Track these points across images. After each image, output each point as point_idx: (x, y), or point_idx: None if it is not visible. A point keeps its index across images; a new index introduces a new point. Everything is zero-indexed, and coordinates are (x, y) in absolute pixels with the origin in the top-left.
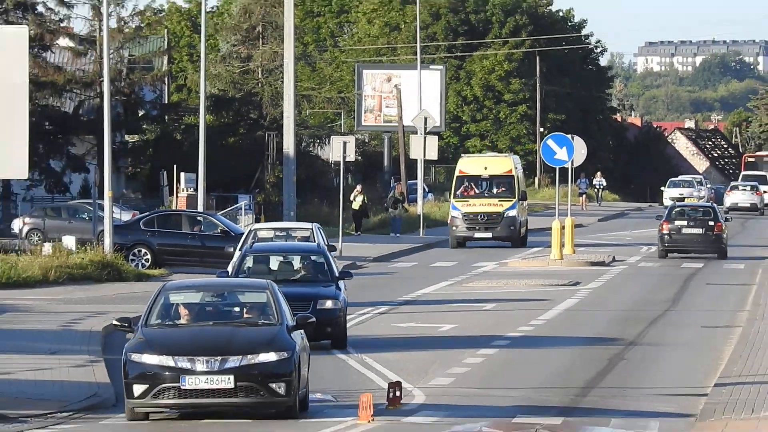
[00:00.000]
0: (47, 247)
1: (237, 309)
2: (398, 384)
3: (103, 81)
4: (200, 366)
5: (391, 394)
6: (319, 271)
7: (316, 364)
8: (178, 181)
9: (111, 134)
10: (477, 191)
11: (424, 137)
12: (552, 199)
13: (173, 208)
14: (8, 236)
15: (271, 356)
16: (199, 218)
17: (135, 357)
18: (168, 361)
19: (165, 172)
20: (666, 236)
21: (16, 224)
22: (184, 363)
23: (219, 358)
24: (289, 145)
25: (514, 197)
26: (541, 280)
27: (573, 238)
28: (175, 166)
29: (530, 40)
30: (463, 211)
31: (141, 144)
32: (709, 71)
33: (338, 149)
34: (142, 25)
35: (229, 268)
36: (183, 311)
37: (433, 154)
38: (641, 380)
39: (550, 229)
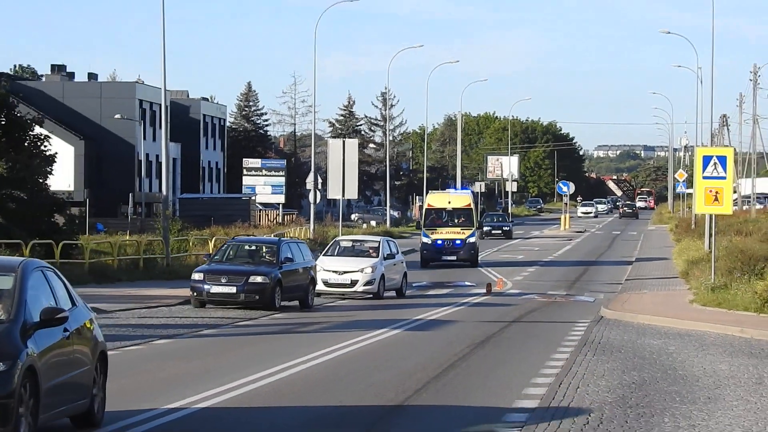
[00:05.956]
0: (365, 225)
1: None
2: (501, 279)
3: (386, 160)
4: None
5: (496, 283)
6: (273, 255)
7: (470, 272)
8: (415, 199)
9: (390, 181)
10: (442, 221)
11: (511, 182)
12: (559, 206)
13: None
14: (350, 221)
15: None
16: None
17: None
18: None
19: (410, 196)
20: (621, 212)
21: (353, 216)
22: None
23: None
24: (458, 186)
25: (472, 227)
26: (557, 239)
27: (569, 222)
28: (414, 192)
29: (552, 144)
30: (432, 238)
31: (401, 185)
32: (623, 156)
33: (477, 188)
34: (402, 138)
35: None
36: None
37: (515, 188)
38: (599, 277)
39: (556, 221)
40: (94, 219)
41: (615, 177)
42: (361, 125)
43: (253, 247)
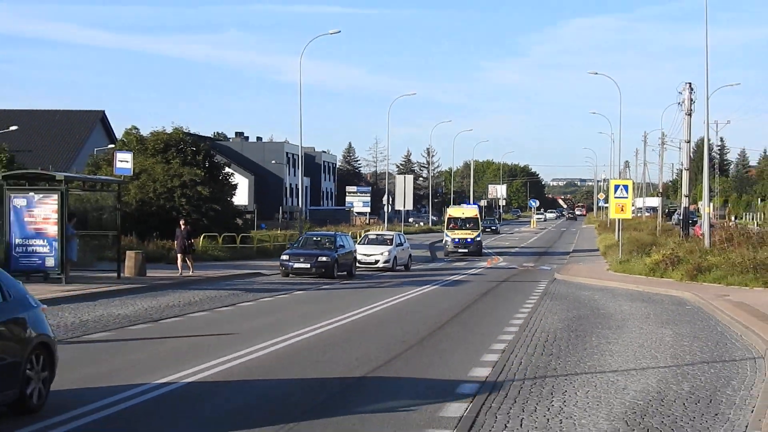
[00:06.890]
0: (416, 225)
1: None
2: (497, 256)
3: (429, 187)
4: None
5: (493, 259)
6: (332, 244)
7: (477, 257)
8: (446, 210)
9: (431, 199)
10: (458, 226)
11: (503, 200)
12: (529, 214)
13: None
14: (408, 222)
15: None
16: None
17: None
18: None
19: (443, 207)
20: (567, 217)
21: (410, 219)
22: None
23: None
24: (471, 202)
25: (478, 229)
26: (528, 233)
27: (536, 223)
28: (445, 206)
29: (526, 178)
30: (451, 237)
31: (437, 201)
32: (568, 184)
33: (482, 203)
34: (438, 174)
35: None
36: None
37: (504, 203)
38: (553, 255)
39: (527, 222)
40: (259, 221)
41: (563, 197)
42: (414, 167)
43: (319, 239)
